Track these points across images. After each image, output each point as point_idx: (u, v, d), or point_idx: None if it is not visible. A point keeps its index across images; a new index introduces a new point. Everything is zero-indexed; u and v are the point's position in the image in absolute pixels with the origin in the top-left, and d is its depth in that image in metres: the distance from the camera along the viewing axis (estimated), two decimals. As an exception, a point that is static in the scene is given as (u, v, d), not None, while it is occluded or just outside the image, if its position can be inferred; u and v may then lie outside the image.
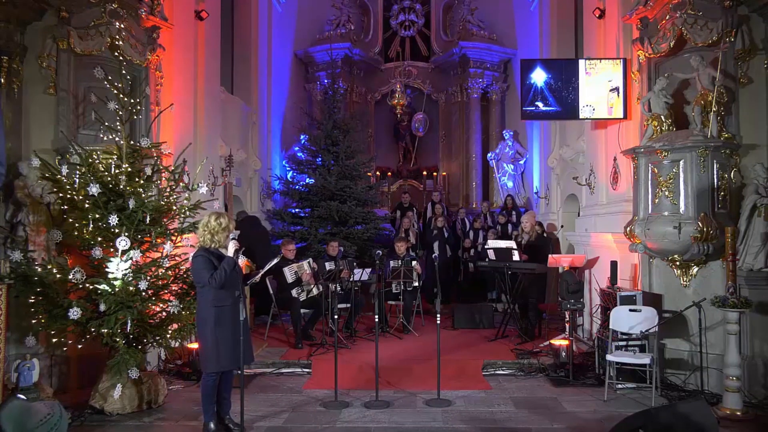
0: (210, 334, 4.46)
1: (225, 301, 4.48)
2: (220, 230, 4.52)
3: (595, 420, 4.93)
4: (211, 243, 4.52)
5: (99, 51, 5.87)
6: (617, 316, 5.70)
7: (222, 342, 4.46)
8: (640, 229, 5.86)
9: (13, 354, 5.24)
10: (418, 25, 13.38)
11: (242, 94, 10.06)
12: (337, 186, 10.15)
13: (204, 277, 4.41)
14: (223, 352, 4.46)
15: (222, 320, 4.47)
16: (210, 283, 4.40)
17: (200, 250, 4.54)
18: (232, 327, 4.49)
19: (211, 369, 4.50)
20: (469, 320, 8.43)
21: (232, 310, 4.50)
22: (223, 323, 4.47)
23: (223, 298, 4.47)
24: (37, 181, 5.44)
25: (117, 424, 4.88)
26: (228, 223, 4.58)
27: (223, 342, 4.46)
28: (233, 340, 4.47)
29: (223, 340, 4.46)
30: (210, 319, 4.46)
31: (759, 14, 5.73)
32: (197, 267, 4.47)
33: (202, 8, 7.47)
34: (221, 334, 4.45)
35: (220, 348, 4.46)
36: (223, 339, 4.46)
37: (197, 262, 4.48)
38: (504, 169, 11.93)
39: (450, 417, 5.04)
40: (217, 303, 4.45)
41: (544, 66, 7.24)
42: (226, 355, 4.48)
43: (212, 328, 4.45)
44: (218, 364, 4.50)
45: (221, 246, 4.55)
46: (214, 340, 4.45)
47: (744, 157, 5.81)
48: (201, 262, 4.45)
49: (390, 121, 13.71)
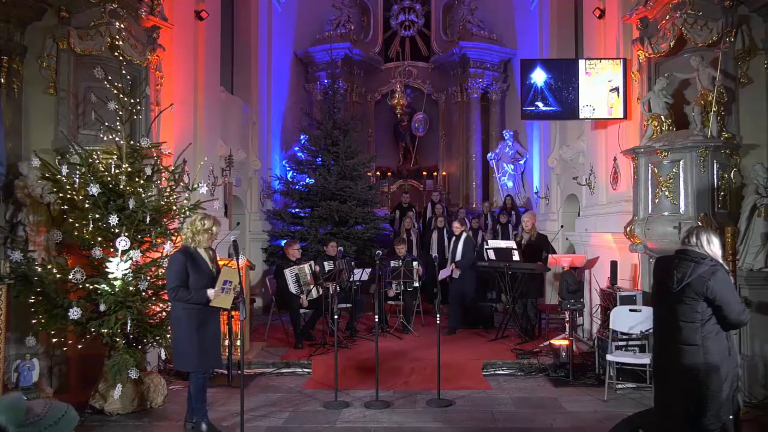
0: (183, 334, 4.46)
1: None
2: (202, 231, 4.51)
3: (595, 420, 4.93)
4: (192, 242, 4.53)
5: (99, 51, 5.87)
6: (617, 316, 5.69)
7: (198, 341, 4.44)
8: (640, 229, 5.86)
9: (13, 354, 5.24)
10: (418, 25, 13.38)
11: (242, 94, 10.06)
12: (337, 186, 10.15)
13: (171, 283, 4.43)
14: (204, 350, 4.46)
15: (194, 320, 4.44)
16: (170, 295, 4.45)
17: (181, 248, 4.58)
18: (205, 327, 4.49)
19: (195, 368, 4.51)
20: (469, 320, 8.42)
21: (203, 311, 4.47)
22: (195, 323, 4.44)
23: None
24: (37, 181, 5.43)
25: (117, 424, 4.88)
26: (212, 226, 4.56)
27: (199, 341, 4.44)
28: (208, 340, 4.49)
29: (199, 340, 4.44)
30: (183, 319, 4.46)
31: (759, 14, 5.72)
32: (170, 269, 4.50)
33: (202, 8, 7.47)
34: (199, 333, 4.44)
35: (201, 347, 4.44)
36: (199, 338, 4.44)
37: (171, 264, 4.51)
38: (504, 169, 11.93)
39: (450, 417, 5.04)
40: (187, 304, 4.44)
41: (544, 66, 7.24)
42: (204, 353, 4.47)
43: (185, 328, 4.45)
44: (202, 363, 4.50)
45: (200, 246, 4.55)
46: (191, 339, 4.43)
47: (744, 157, 5.80)
48: (174, 266, 4.46)
49: (390, 121, 13.71)
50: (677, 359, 3.32)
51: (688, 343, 3.28)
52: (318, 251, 9.14)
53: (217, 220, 4.73)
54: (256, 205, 10.42)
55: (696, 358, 3.25)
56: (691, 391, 3.27)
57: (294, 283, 7.50)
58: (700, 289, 3.24)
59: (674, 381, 3.38)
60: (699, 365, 3.24)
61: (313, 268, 7.74)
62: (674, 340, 3.35)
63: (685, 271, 3.29)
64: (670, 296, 3.36)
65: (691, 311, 3.28)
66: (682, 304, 3.30)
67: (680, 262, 3.36)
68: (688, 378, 3.28)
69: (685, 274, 3.29)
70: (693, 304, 3.27)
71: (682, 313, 3.31)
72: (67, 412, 1.85)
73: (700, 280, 3.24)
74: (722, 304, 3.24)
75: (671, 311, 3.37)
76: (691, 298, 3.27)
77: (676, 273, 3.33)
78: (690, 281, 3.27)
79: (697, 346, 3.26)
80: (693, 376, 3.26)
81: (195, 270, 4.46)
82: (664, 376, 3.50)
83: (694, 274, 3.26)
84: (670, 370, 3.41)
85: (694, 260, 3.32)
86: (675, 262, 3.40)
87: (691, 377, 3.27)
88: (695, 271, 3.27)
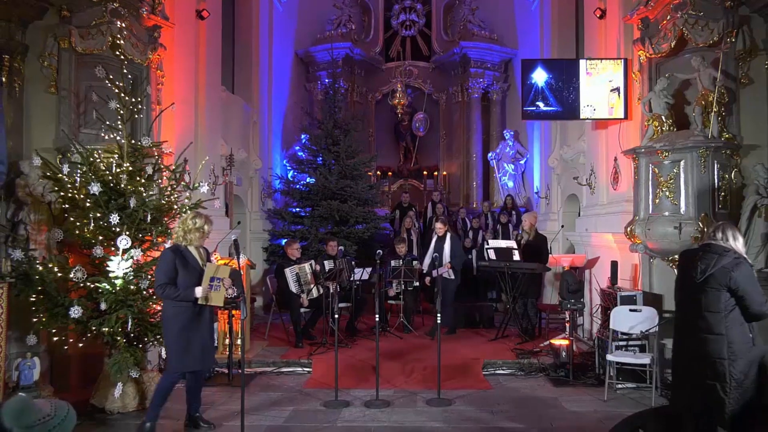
0: (171, 333, 4.43)
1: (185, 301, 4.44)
2: (193, 229, 4.49)
3: (595, 420, 4.94)
4: (183, 240, 4.51)
5: (100, 50, 5.88)
6: (617, 316, 5.70)
7: (184, 341, 4.41)
8: (640, 229, 5.86)
9: (14, 352, 5.25)
10: (418, 25, 13.37)
11: (243, 94, 10.07)
12: (337, 185, 10.15)
13: (159, 280, 4.41)
14: (186, 351, 4.42)
15: (183, 319, 4.41)
16: (158, 292, 4.44)
17: (171, 246, 4.57)
18: (195, 327, 4.45)
19: (174, 369, 4.48)
20: (469, 320, 8.44)
21: (193, 310, 4.44)
22: (184, 322, 4.41)
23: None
24: (39, 180, 5.44)
25: (118, 423, 4.89)
26: (203, 225, 4.53)
27: (185, 341, 4.41)
28: (197, 340, 4.45)
29: (186, 340, 4.41)
30: (171, 318, 4.43)
31: (760, 15, 5.73)
32: (159, 266, 4.49)
33: (203, 7, 7.48)
34: (183, 334, 4.41)
35: (183, 347, 4.41)
36: (185, 338, 4.41)
37: (160, 261, 4.51)
38: (504, 169, 11.93)
39: (450, 417, 5.04)
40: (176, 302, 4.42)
41: (545, 66, 7.24)
42: (189, 354, 4.42)
43: (173, 327, 4.42)
44: (182, 363, 4.46)
45: (192, 245, 4.52)
46: (176, 338, 4.41)
47: (744, 157, 5.81)
48: (164, 263, 4.45)
49: (391, 120, 13.71)
50: (700, 348, 3.46)
51: (712, 332, 3.43)
52: (318, 250, 9.14)
53: (210, 219, 4.69)
54: (257, 204, 10.43)
55: (720, 347, 3.39)
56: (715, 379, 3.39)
57: (294, 282, 7.50)
58: (723, 280, 3.40)
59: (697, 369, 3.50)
60: (723, 354, 3.38)
61: (313, 268, 7.75)
62: (697, 329, 3.49)
63: (709, 263, 3.46)
64: (694, 287, 3.51)
65: (716, 301, 3.43)
66: (706, 295, 3.45)
67: (705, 255, 3.52)
68: (712, 366, 3.40)
69: (708, 265, 3.45)
70: (717, 294, 3.43)
71: (706, 304, 3.46)
72: (69, 411, 1.86)
73: (723, 271, 3.41)
74: (744, 294, 3.38)
75: (695, 302, 3.51)
76: (714, 288, 3.43)
77: (700, 264, 3.49)
78: (713, 272, 3.43)
79: (722, 335, 3.40)
80: (717, 364, 3.39)
81: (184, 267, 4.42)
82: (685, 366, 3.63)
83: (717, 265, 3.43)
84: (692, 359, 3.54)
85: (717, 252, 3.48)
86: (699, 254, 3.56)
87: (714, 365, 3.40)
88: (719, 263, 3.44)
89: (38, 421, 1.74)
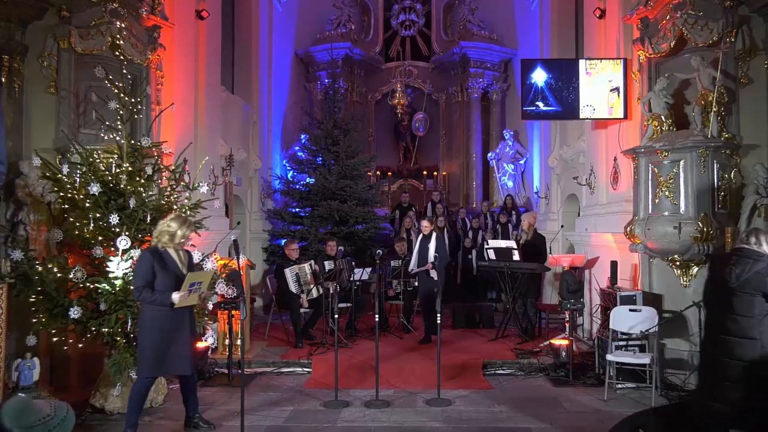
0: (146, 337, 4.36)
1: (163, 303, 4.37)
2: (165, 232, 4.41)
3: (595, 420, 4.94)
4: (157, 241, 4.45)
5: (100, 50, 5.88)
6: (617, 316, 5.70)
7: (159, 346, 4.34)
8: (640, 229, 5.86)
9: (14, 353, 5.24)
10: (418, 25, 13.38)
11: (243, 94, 10.07)
12: (337, 185, 10.15)
13: (136, 283, 4.35)
14: (158, 358, 4.34)
15: (161, 324, 4.35)
16: (134, 294, 4.39)
17: (149, 247, 4.52)
18: (172, 332, 4.37)
19: (144, 373, 4.42)
20: (469, 320, 8.44)
21: (172, 316, 4.36)
22: (162, 327, 4.35)
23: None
24: (38, 181, 5.44)
25: (117, 423, 4.87)
26: (177, 230, 4.41)
27: (161, 346, 4.34)
28: (172, 347, 4.36)
29: (161, 345, 4.34)
30: (148, 321, 4.37)
31: (759, 14, 5.73)
32: (136, 267, 4.44)
33: (203, 8, 7.48)
34: (160, 338, 4.33)
35: (156, 353, 4.33)
36: (162, 343, 4.34)
37: (138, 262, 4.46)
38: (504, 169, 11.94)
39: (450, 417, 5.04)
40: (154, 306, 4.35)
41: (545, 66, 7.24)
42: (159, 361, 4.35)
43: (149, 329, 4.35)
44: (151, 369, 4.39)
45: (168, 247, 4.44)
46: (151, 343, 4.34)
47: (744, 157, 5.81)
48: (140, 265, 4.39)
49: (390, 120, 13.71)
50: (730, 351, 3.50)
51: (744, 336, 3.48)
52: (318, 251, 9.14)
53: (191, 224, 4.58)
54: (257, 204, 10.43)
55: (753, 350, 3.45)
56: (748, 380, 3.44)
57: (294, 282, 7.50)
58: (758, 285, 3.46)
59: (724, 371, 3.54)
60: (755, 357, 3.43)
61: (313, 268, 7.75)
62: (727, 332, 3.53)
63: (744, 267, 3.50)
64: (727, 291, 3.55)
65: (750, 306, 3.48)
66: (739, 299, 3.50)
67: (739, 259, 3.56)
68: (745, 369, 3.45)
69: (743, 270, 3.50)
70: (751, 299, 3.47)
71: (739, 308, 3.51)
72: (68, 411, 1.87)
73: (758, 277, 3.47)
74: None
75: (727, 305, 3.55)
76: (748, 293, 3.47)
77: (734, 268, 3.53)
78: (748, 277, 3.48)
79: (755, 339, 3.46)
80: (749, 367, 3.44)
81: (162, 269, 4.36)
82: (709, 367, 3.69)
83: (752, 270, 3.48)
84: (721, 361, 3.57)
85: (752, 257, 3.53)
86: (733, 258, 3.61)
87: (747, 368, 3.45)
88: (753, 268, 3.49)
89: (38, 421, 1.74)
